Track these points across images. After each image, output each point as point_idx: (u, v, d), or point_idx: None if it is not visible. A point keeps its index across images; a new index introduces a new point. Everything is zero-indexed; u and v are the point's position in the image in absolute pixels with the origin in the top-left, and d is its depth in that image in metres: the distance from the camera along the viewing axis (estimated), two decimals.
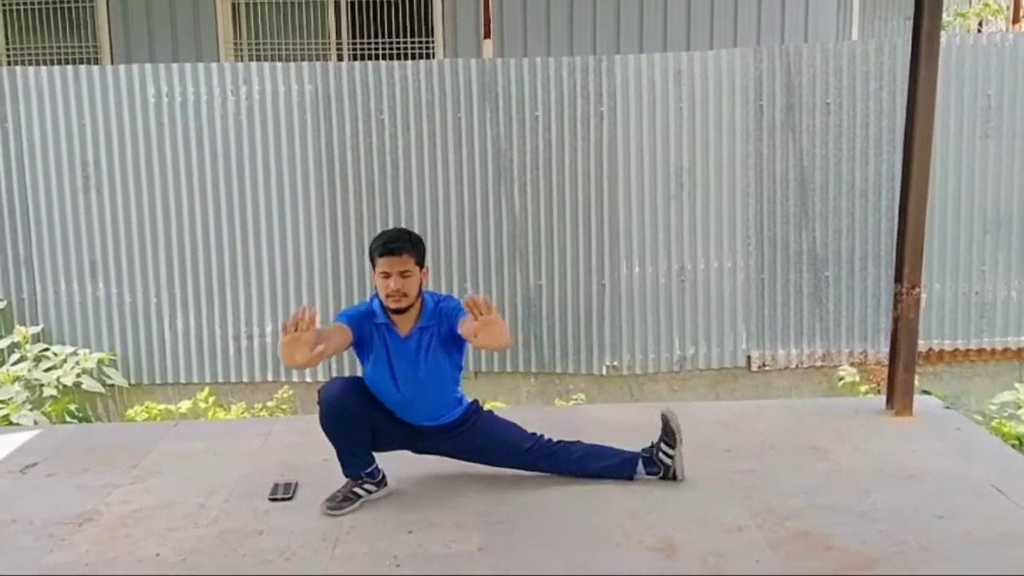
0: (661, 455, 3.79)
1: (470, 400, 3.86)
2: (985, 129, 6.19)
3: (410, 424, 3.74)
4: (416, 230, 6.12)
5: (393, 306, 3.55)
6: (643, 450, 3.84)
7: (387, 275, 3.51)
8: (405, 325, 3.63)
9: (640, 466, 3.81)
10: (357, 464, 3.68)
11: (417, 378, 3.64)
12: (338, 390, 3.57)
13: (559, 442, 3.86)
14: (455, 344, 3.68)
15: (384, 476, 3.74)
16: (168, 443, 4.50)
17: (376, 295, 3.65)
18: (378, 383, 3.67)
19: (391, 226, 6.20)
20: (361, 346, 3.65)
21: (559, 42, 7.91)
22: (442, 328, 3.62)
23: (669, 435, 3.78)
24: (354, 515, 3.57)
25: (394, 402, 3.69)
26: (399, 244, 3.53)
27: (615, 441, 3.94)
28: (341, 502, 3.61)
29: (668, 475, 3.78)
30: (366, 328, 3.62)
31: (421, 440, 3.79)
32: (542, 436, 3.86)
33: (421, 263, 3.59)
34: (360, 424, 3.59)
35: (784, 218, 6.22)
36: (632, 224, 6.23)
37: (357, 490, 3.66)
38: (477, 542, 3.33)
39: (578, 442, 3.89)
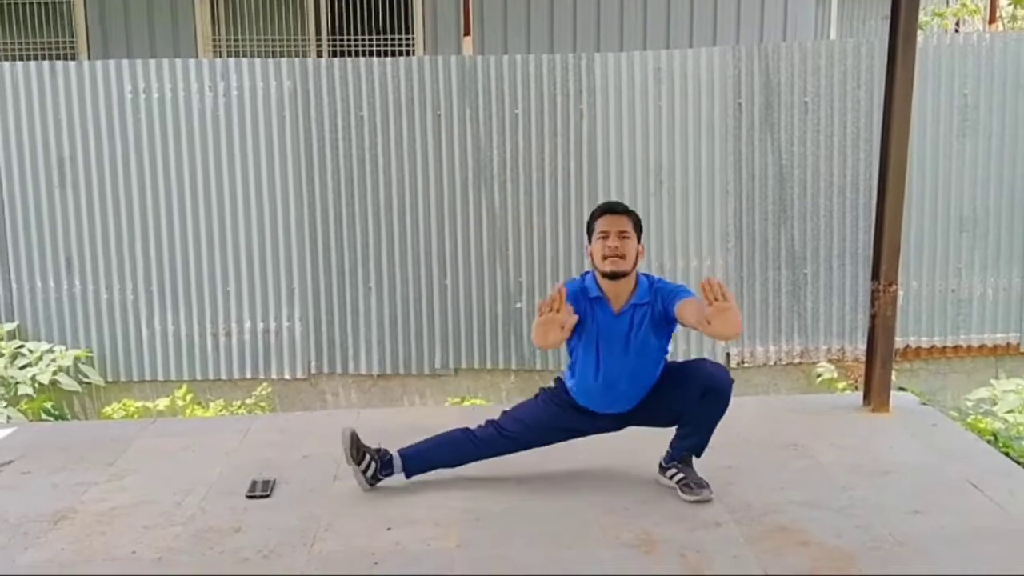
0: (689, 481, 3.64)
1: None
2: (962, 128, 6.24)
3: (608, 413, 3.66)
4: (395, 228, 6.21)
5: (610, 268, 3.45)
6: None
7: (605, 235, 3.45)
8: (619, 300, 3.52)
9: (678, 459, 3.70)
10: (417, 465, 3.76)
11: (625, 359, 3.53)
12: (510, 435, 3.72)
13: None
14: (666, 327, 3.54)
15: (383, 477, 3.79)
16: (145, 441, 4.47)
17: (587, 272, 3.58)
18: (581, 362, 3.58)
19: (370, 223, 6.21)
20: (577, 323, 3.48)
21: (539, 40, 7.91)
22: (656, 308, 3.49)
23: (689, 486, 3.62)
24: (332, 512, 3.56)
25: (592, 393, 3.61)
26: (618, 205, 3.58)
27: (593, 438, 3.93)
28: (371, 479, 3.71)
29: (696, 483, 3.62)
30: (582, 303, 3.51)
31: (609, 421, 3.70)
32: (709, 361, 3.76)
33: (639, 234, 3.53)
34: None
35: (762, 216, 6.25)
36: None
37: (380, 476, 3.73)
38: (456, 539, 3.33)
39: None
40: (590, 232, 3.55)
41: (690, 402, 3.56)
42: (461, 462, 3.80)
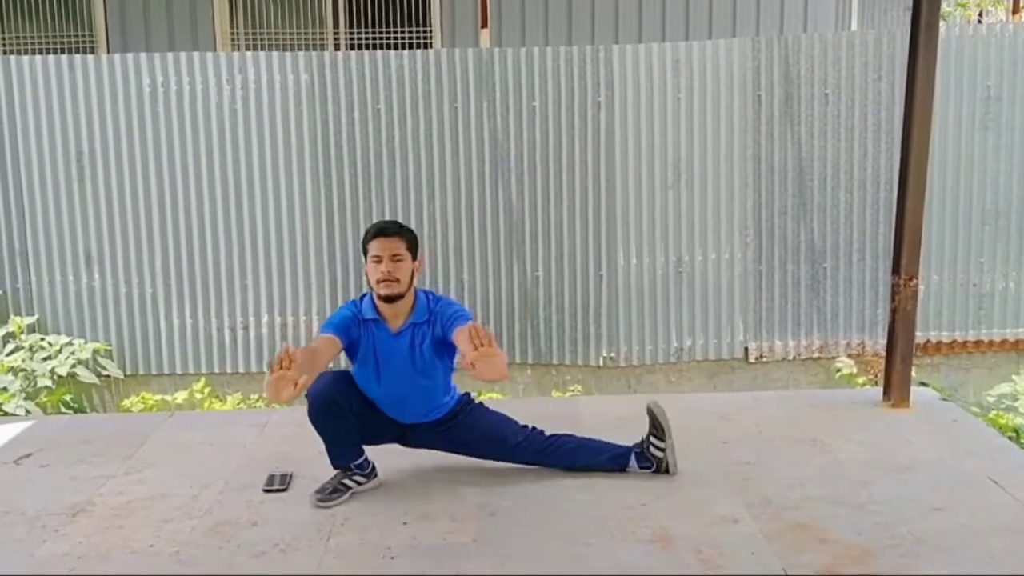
0: (652, 449, 3.77)
1: (461, 393, 3.82)
2: (984, 120, 6.17)
3: (398, 421, 3.73)
4: (412, 220, 6.19)
5: (384, 292, 3.48)
6: (635, 445, 3.82)
7: (378, 259, 3.47)
8: (396, 320, 3.57)
9: (632, 460, 3.78)
10: (344, 456, 3.65)
11: (408, 377, 3.59)
12: (324, 384, 3.51)
13: (551, 436, 3.82)
14: (446, 349, 3.59)
15: (374, 468, 3.73)
16: (163, 434, 4.49)
17: (365, 294, 3.63)
18: (365, 383, 3.64)
19: (387, 216, 6.19)
20: (352, 349, 3.59)
21: (557, 32, 7.87)
22: (435, 330, 3.54)
23: (658, 428, 3.75)
24: (348, 507, 3.56)
25: (381, 401, 3.67)
26: (391, 227, 3.56)
27: (612, 432, 3.93)
28: (330, 494, 3.59)
29: (660, 468, 3.75)
30: (354, 330, 3.56)
31: (411, 435, 3.77)
32: (534, 429, 3.82)
33: (414, 253, 3.55)
34: (346, 417, 3.56)
35: (782, 209, 6.21)
36: (629, 215, 6.21)
37: (346, 481, 3.64)
38: (471, 534, 3.32)
39: (571, 436, 3.85)
40: (365, 253, 3.54)
41: (513, 460, 3.79)
42: (343, 438, 3.66)
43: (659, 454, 3.75)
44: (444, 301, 3.64)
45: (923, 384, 5.38)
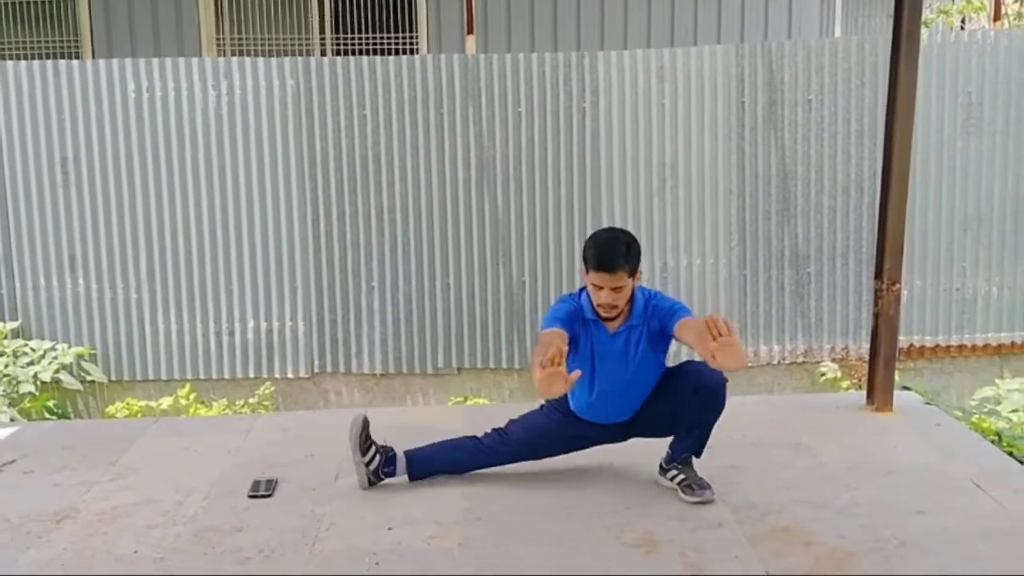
0: (691, 482, 3.62)
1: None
2: (966, 126, 6.22)
3: (605, 423, 3.68)
4: (398, 226, 6.19)
5: (604, 315, 3.45)
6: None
7: (599, 288, 3.38)
8: (615, 322, 3.51)
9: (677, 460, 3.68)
10: (422, 469, 3.78)
11: (623, 376, 3.55)
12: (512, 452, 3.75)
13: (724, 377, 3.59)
14: (663, 341, 3.54)
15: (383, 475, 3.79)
16: (148, 440, 4.47)
17: (583, 289, 3.52)
18: (580, 387, 3.55)
19: (373, 222, 6.20)
20: (571, 344, 3.43)
21: (543, 38, 7.90)
22: (652, 326, 3.47)
23: (691, 487, 3.60)
24: (334, 512, 3.55)
25: (592, 401, 3.62)
26: (614, 262, 3.33)
27: None
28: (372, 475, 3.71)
29: (698, 484, 3.60)
30: (577, 325, 3.47)
31: (630, 429, 3.73)
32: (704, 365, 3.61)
33: (635, 271, 3.40)
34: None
35: (766, 214, 6.24)
36: (615, 220, 6.22)
37: (381, 474, 3.74)
38: (457, 538, 3.32)
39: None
40: (585, 263, 3.41)
41: (683, 402, 3.55)
42: (466, 469, 3.80)
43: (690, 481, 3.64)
44: (659, 296, 3.56)
45: (906, 388, 5.40)
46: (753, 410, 4.77)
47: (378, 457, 3.71)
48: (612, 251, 3.35)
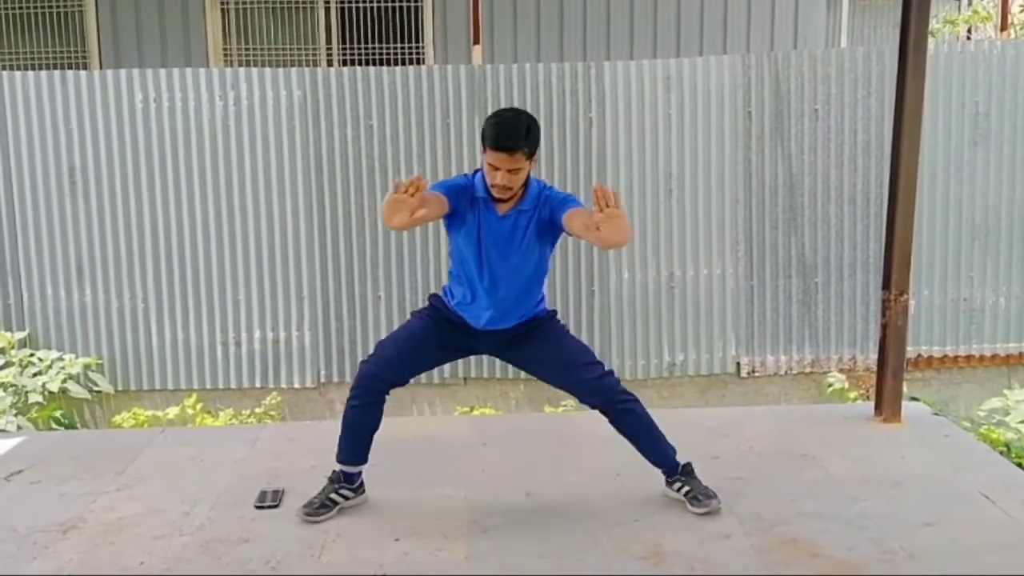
0: (696, 493, 3.60)
1: (550, 308, 3.69)
2: (973, 136, 6.21)
3: (478, 327, 3.55)
4: (405, 236, 6.18)
5: (497, 195, 3.37)
6: (684, 464, 3.67)
7: (494, 169, 3.30)
8: (504, 205, 3.43)
9: (678, 472, 3.65)
10: (354, 455, 3.61)
11: (505, 264, 3.45)
12: (384, 361, 3.51)
13: (624, 391, 3.59)
14: (551, 233, 3.47)
15: (363, 483, 3.71)
16: (154, 450, 4.47)
17: (478, 170, 3.46)
18: (464, 263, 3.50)
19: (380, 232, 6.20)
20: (454, 218, 3.43)
21: (549, 48, 7.91)
22: (542, 214, 3.41)
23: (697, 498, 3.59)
24: (340, 523, 3.55)
25: (476, 287, 3.50)
26: (513, 141, 3.25)
27: (601, 448, 3.93)
28: (318, 508, 3.58)
29: (703, 494, 3.58)
30: (463, 201, 3.41)
31: (486, 341, 3.61)
32: (610, 372, 3.64)
33: (533, 155, 3.34)
34: (376, 411, 3.53)
35: (773, 224, 6.23)
36: None
37: (334, 496, 3.62)
38: (463, 550, 3.31)
39: (639, 402, 3.62)
40: (484, 142, 3.31)
41: (575, 393, 3.60)
42: (372, 413, 3.59)
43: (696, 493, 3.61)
44: (554, 190, 3.51)
45: (914, 399, 5.39)
46: (760, 421, 4.76)
47: (333, 492, 3.64)
48: (513, 130, 3.28)
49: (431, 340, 3.59)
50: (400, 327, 3.72)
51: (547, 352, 3.60)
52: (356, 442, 3.61)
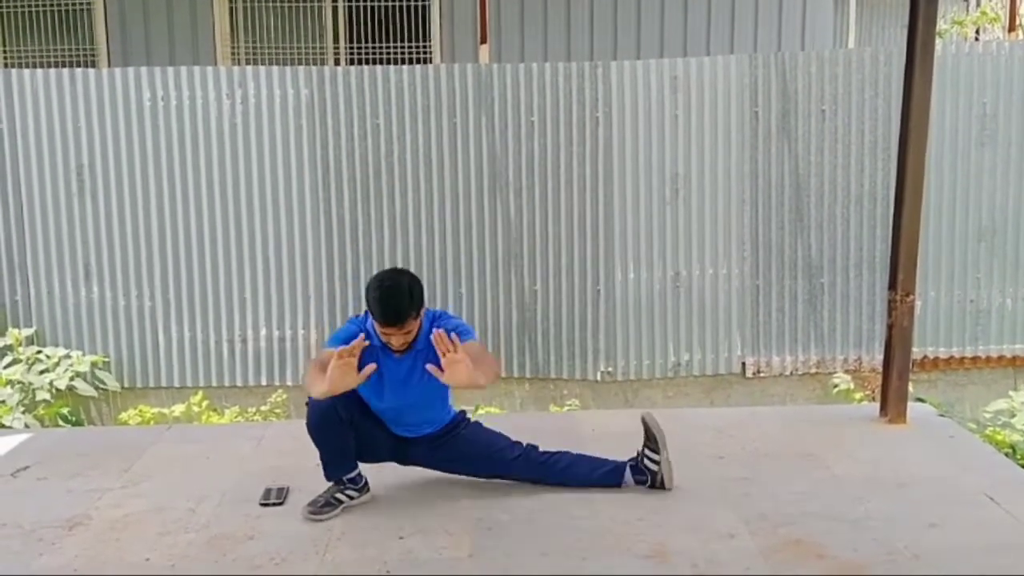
0: (647, 462, 3.76)
1: (457, 411, 3.85)
2: (980, 137, 6.20)
3: (396, 435, 3.75)
4: (411, 235, 6.20)
5: (396, 349, 3.54)
6: (630, 459, 3.81)
7: (387, 336, 3.48)
8: (401, 348, 3.58)
9: (627, 474, 3.78)
10: (339, 469, 3.67)
11: (406, 397, 3.63)
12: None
13: (546, 453, 3.82)
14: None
15: (367, 483, 3.73)
16: (160, 447, 4.49)
17: (368, 313, 3.55)
18: (366, 396, 3.65)
19: (386, 231, 6.21)
20: (358, 364, 3.53)
21: (556, 48, 7.91)
22: (434, 351, 3.49)
23: (652, 440, 3.74)
24: (344, 521, 3.56)
25: (382, 412, 3.70)
26: (400, 316, 3.41)
27: (609, 447, 3.93)
28: (322, 507, 3.60)
29: (656, 482, 3.74)
30: (364, 352, 3.52)
31: (408, 450, 3.79)
32: (529, 445, 3.83)
33: (419, 312, 3.49)
34: (344, 429, 3.57)
35: (779, 225, 6.22)
36: (627, 230, 6.22)
37: (339, 496, 3.65)
38: (467, 548, 3.32)
39: (566, 452, 3.85)
40: (371, 314, 3.46)
41: (507, 475, 3.82)
42: (339, 450, 3.67)
43: (654, 467, 3.74)
44: (445, 318, 3.63)
45: (920, 400, 5.38)
46: (766, 421, 4.76)
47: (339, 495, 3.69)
48: (397, 304, 3.41)
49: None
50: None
51: (468, 450, 3.80)
52: (336, 457, 3.68)
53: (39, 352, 6.16)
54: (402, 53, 7.99)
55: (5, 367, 6.05)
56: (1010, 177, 6.23)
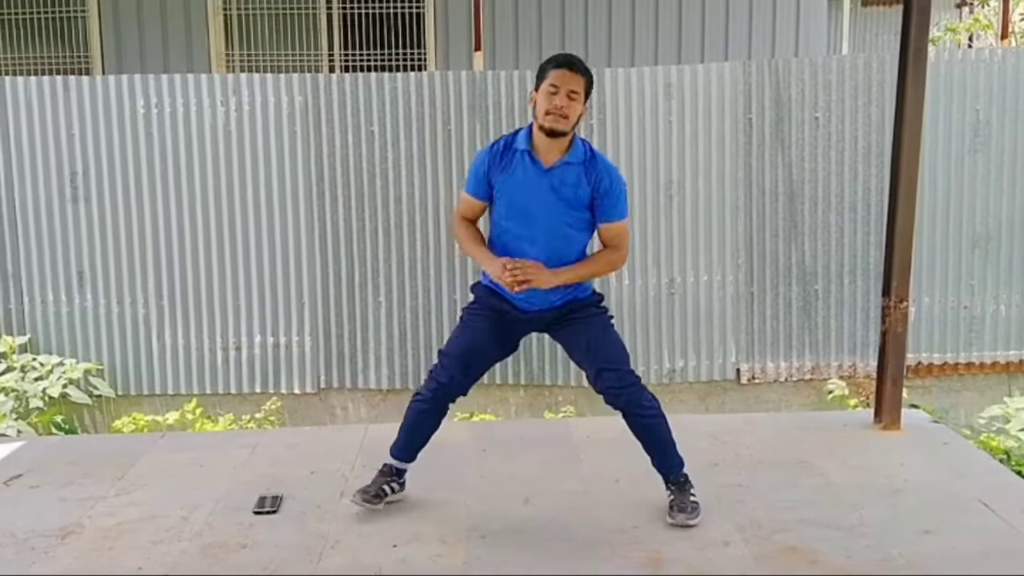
0: (676, 503, 3.57)
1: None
2: (974, 144, 6.21)
3: (523, 310, 3.58)
4: (405, 242, 6.21)
5: (549, 125, 3.32)
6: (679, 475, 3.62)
7: (555, 90, 3.30)
8: (550, 156, 3.39)
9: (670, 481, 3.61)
10: (406, 454, 3.70)
11: (555, 215, 3.40)
12: (456, 377, 3.62)
13: (652, 404, 3.58)
14: (591, 212, 3.46)
15: (405, 481, 3.76)
16: (154, 455, 4.47)
17: (519, 129, 3.47)
18: (504, 223, 3.48)
19: (380, 238, 6.21)
20: (494, 191, 3.48)
21: (550, 55, 7.90)
22: (591, 178, 3.38)
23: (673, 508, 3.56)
24: (338, 529, 3.55)
25: (523, 246, 3.45)
26: (578, 63, 3.35)
27: (603, 454, 3.93)
28: (373, 497, 3.62)
29: (680, 508, 3.54)
30: (498, 167, 3.45)
31: (534, 323, 3.66)
32: (639, 381, 3.63)
33: (587, 97, 3.39)
34: (436, 422, 3.66)
35: (773, 231, 6.23)
36: None
37: (386, 487, 3.67)
38: (462, 557, 3.31)
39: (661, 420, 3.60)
40: (540, 79, 3.37)
41: (600, 391, 3.62)
42: (436, 419, 3.70)
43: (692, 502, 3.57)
44: (603, 162, 3.47)
45: (914, 406, 5.38)
46: (760, 428, 4.76)
47: (385, 486, 3.69)
48: (576, 58, 3.41)
49: (488, 339, 3.65)
50: (458, 331, 3.73)
51: (587, 341, 3.59)
52: (413, 442, 3.69)
53: (33, 360, 6.14)
54: (396, 60, 8.00)
55: None
56: (1003, 184, 6.25)
